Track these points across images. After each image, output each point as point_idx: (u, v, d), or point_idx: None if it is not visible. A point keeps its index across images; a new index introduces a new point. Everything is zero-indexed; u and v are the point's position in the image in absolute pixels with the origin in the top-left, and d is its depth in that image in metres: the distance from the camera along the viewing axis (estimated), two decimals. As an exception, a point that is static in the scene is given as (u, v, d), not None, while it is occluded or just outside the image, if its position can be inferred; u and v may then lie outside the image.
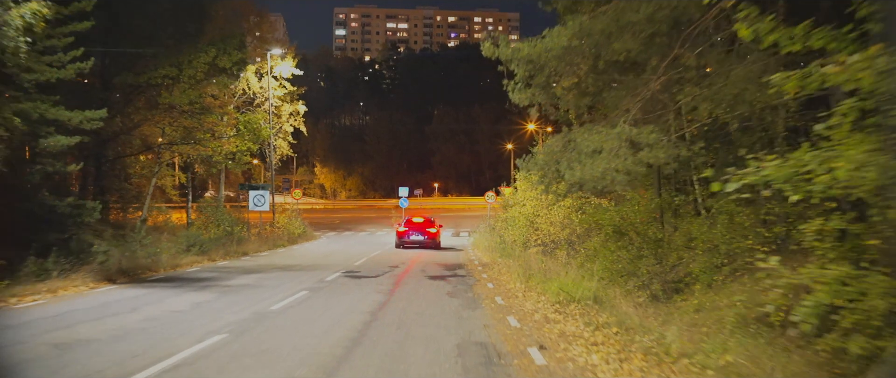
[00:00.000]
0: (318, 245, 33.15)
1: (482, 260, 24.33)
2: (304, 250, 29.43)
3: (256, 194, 33.46)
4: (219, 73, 30.35)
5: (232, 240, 28.41)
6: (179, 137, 31.36)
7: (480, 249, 28.37)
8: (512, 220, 28.84)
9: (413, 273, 19.18)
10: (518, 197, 28.75)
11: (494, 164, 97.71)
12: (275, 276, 17.81)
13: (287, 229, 35.31)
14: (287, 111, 41.03)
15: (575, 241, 24.72)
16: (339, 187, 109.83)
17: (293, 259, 24.30)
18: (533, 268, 18.83)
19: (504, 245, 27.36)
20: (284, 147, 41.37)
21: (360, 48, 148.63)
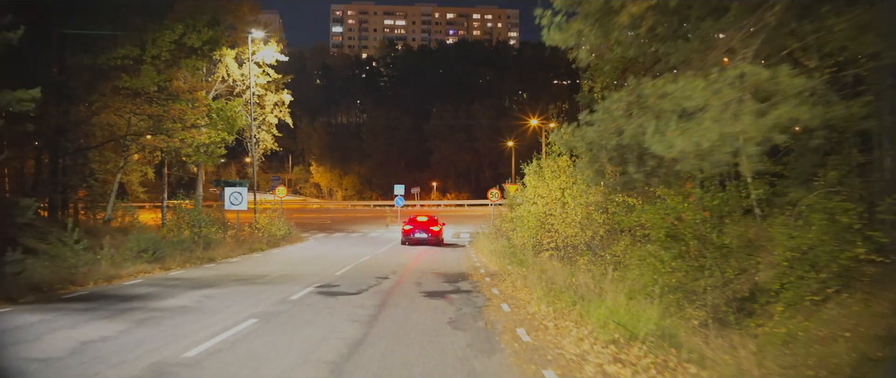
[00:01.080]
0: (302, 248, 29.03)
1: (489, 268, 20.24)
2: (284, 255, 25.32)
3: (232, 192, 29.42)
4: (188, 54, 26.40)
5: (199, 244, 24.36)
6: (146, 128, 27.41)
7: (485, 254, 24.27)
8: (520, 221, 24.87)
9: (405, 287, 15.08)
10: (527, 193, 24.64)
11: (495, 162, 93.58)
12: (227, 294, 13.71)
13: (268, 231, 31.17)
14: (271, 101, 36.88)
15: (597, 244, 20.80)
16: (336, 186, 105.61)
17: (265, 267, 20.21)
18: (556, 281, 14.79)
19: (513, 249, 23.35)
20: (268, 141, 37.25)
21: (357, 45, 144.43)
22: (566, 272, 17.71)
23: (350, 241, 34.27)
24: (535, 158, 25.44)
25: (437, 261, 22.83)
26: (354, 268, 19.67)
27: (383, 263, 21.47)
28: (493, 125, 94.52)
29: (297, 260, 22.75)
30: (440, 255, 25.40)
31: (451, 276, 17.44)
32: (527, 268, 18.70)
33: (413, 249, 28.50)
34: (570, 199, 21.23)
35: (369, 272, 18.41)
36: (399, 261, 22.49)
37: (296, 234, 34.40)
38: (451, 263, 21.78)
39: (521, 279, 16.06)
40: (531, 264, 19.20)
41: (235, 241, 28.14)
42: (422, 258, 23.97)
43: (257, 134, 36.64)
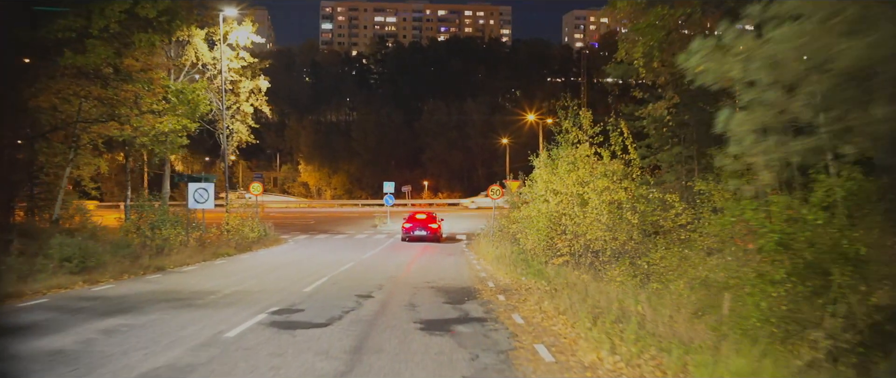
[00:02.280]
0: (276, 253, 24.83)
1: (498, 279, 16.13)
2: (252, 262, 21.15)
3: (197, 188, 25.27)
4: (143, 28, 22.24)
5: (149, 249, 20.25)
6: (99, 114, 23.27)
7: (490, 260, 20.18)
8: (528, 221, 20.82)
9: (394, 313, 10.92)
10: (537, 189, 20.55)
11: (488, 161, 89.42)
12: (140, 326, 9.59)
13: (240, 233, 26.94)
14: (246, 88, 32.60)
15: (631, 251, 16.81)
16: (325, 185, 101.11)
17: (221, 279, 16.03)
18: (598, 302, 10.79)
19: (524, 255, 19.30)
20: (244, 132, 32.95)
21: (347, 43, 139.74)
22: (600, 287, 13.71)
23: (333, 243, 30.07)
24: (545, 148, 21.45)
25: (434, 268, 18.69)
26: (331, 280, 15.51)
27: (368, 273, 17.30)
28: (487, 123, 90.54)
29: (264, 268, 18.55)
30: (437, 261, 21.28)
31: (453, 293, 13.30)
32: (547, 280, 14.67)
33: (404, 253, 24.43)
34: (594, 196, 17.19)
35: (349, 287, 14.26)
36: (387, 269, 18.34)
37: (273, 236, 30.18)
38: (451, 272, 17.64)
39: (546, 297, 11.99)
40: (553, 276, 15.15)
41: (199, 245, 24.00)
42: (415, 265, 19.85)
43: (231, 124, 32.39)
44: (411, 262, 20.96)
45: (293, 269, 18.48)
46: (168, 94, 23.90)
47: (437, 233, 30.74)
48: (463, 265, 19.91)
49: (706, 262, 14.65)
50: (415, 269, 18.50)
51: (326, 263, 19.92)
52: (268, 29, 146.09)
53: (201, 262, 20.58)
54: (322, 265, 19.39)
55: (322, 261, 21.07)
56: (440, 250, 26.12)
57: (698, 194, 19.39)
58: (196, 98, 24.27)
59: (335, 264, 19.57)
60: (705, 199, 17.26)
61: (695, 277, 13.75)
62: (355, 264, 19.84)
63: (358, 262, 20.75)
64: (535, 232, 19.78)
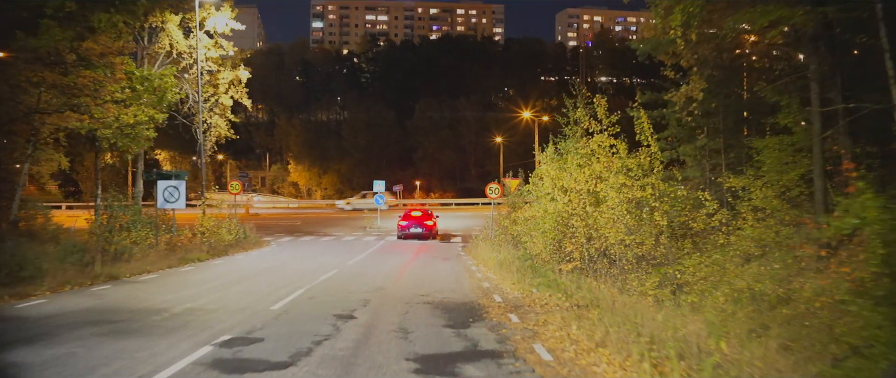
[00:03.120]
0: (253, 258, 22.24)
1: (505, 291, 13.60)
2: (222, 269, 18.53)
3: (167, 186, 22.73)
4: (104, 7, 19.71)
5: (107, 254, 17.70)
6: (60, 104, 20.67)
7: (492, 267, 17.67)
8: (534, 223, 18.40)
9: (381, 344, 8.33)
10: (544, 187, 18.06)
11: (481, 160, 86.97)
12: (39, 366, 7.06)
13: (216, 235, 24.31)
14: (226, 79, 29.96)
15: (660, 257, 14.40)
16: (315, 186, 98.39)
17: (177, 291, 13.46)
18: (641, 326, 8.32)
19: (532, 261, 16.83)
20: (223, 126, 30.28)
21: (338, 41, 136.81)
22: (631, 303, 11.33)
23: (318, 246, 27.46)
24: (553, 141, 18.97)
25: (429, 277, 16.12)
26: (308, 294, 12.93)
27: (353, 283, 14.73)
28: (480, 122, 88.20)
29: (231, 278, 15.93)
30: (431, 267, 18.74)
31: (454, 312, 10.75)
32: (565, 293, 12.20)
33: (395, 257, 21.90)
34: (613, 194, 14.71)
35: (328, 303, 11.69)
36: (375, 278, 15.78)
37: (254, 239, 27.58)
38: (449, 282, 15.08)
39: (572, 318, 9.49)
40: (571, 288, 12.67)
41: (169, 249, 21.47)
42: (407, 272, 17.29)
43: (208, 117, 29.76)
44: (403, 268, 18.41)
45: (266, 278, 15.89)
46: (133, 82, 21.25)
47: (433, 230, 30.47)
48: (461, 272, 17.36)
49: (747, 270, 12.28)
50: (407, 278, 15.95)
51: (306, 271, 17.34)
52: (258, 27, 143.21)
53: (165, 270, 17.98)
54: (301, 273, 16.81)
55: (302, 267, 18.49)
56: (435, 254, 23.59)
57: (728, 191, 17.02)
58: (163, 85, 21.62)
59: (316, 272, 16.99)
60: (745, 196, 14.91)
61: (738, 289, 11.38)
62: (339, 272, 17.27)
63: (342, 268, 18.17)
64: (542, 234, 17.35)
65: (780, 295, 10.56)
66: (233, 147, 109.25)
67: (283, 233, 34.93)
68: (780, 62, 15.47)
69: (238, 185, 29.35)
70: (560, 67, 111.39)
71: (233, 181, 30.19)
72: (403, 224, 30.70)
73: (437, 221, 31.94)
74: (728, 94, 16.79)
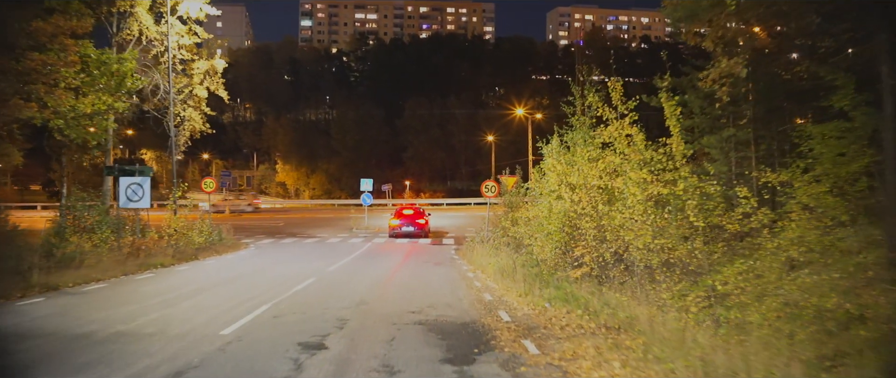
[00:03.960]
0: (224, 264, 19.83)
1: (512, 305, 11.30)
2: (184, 277, 16.12)
3: (129, 184, 20.42)
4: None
5: (53, 260, 15.32)
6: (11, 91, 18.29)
7: (492, 274, 15.38)
8: (537, 224, 16.06)
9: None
10: (548, 183, 15.73)
11: (472, 159, 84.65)
12: None
13: (184, 237, 21.91)
14: (201, 69, 27.51)
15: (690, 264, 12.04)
16: (303, 186, 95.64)
17: (119, 307, 11.09)
18: (710, 364, 5.93)
19: (538, 268, 14.52)
20: (197, 120, 27.81)
21: (327, 40, 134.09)
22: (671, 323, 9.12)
23: (300, 250, 25.07)
24: (558, 133, 16.66)
25: (420, 287, 13.77)
26: (273, 311, 10.55)
27: (330, 296, 12.37)
28: (471, 121, 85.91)
29: (189, 289, 13.51)
30: (423, 274, 16.43)
31: (454, 339, 8.42)
32: (587, 310, 9.94)
33: (381, 262, 19.60)
34: (637, 191, 12.40)
35: (294, 324, 9.34)
36: (358, 288, 13.42)
37: (230, 241, 25.18)
38: (444, 294, 12.75)
39: (607, 347, 7.25)
40: (592, 303, 10.38)
41: (131, 253, 19.08)
42: (395, 281, 14.95)
43: (182, 110, 27.31)
44: (390, 276, 16.08)
45: (230, 289, 13.49)
46: (89, 66, 18.80)
47: (426, 228, 30.08)
48: (457, 280, 15.05)
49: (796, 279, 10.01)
50: (395, 288, 13.62)
51: (279, 279, 14.96)
52: (246, 26, 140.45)
53: (118, 278, 15.57)
54: (272, 282, 14.43)
55: (275, 275, 16.11)
56: (426, 257, 21.29)
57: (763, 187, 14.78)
58: (122, 69, 19.15)
59: (290, 280, 14.62)
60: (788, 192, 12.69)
61: (790, 303, 9.18)
62: (317, 280, 14.89)
63: (322, 276, 15.80)
64: (546, 236, 15.04)
65: (851, 312, 8.40)
66: (220, 146, 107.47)
67: (264, 234, 32.53)
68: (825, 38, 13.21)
69: (212, 183, 26.86)
70: (552, 66, 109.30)
71: (206, 178, 27.64)
72: (395, 223, 30.02)
73: (429, 220, 31.20)
74: (767, 76, 14.54)
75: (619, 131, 12.68)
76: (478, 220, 39.08)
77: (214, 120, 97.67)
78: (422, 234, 29.74)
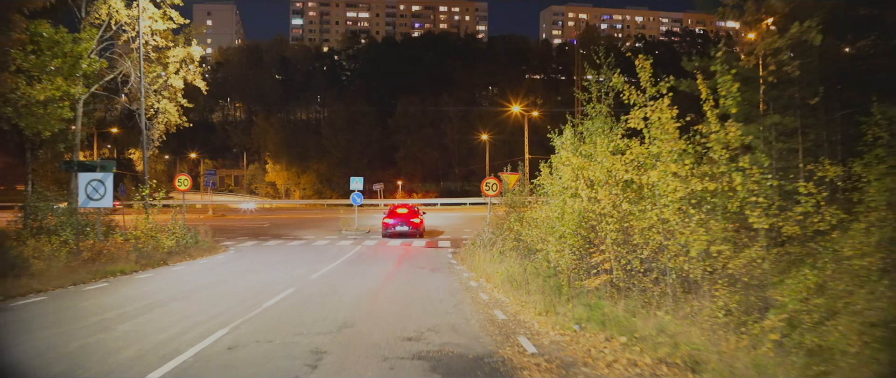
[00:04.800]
0: (194, 270, 17.47)
1: (533, 328, 9.06)
2: (142, 288, 13.77)
3: (90, 180, 18.06)
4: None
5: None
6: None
7: (499, 284, 13.16)
8: (548, 226, 13.79)
9: None
10: (562, 179, 13.46)
11: (465, 159, 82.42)
12: None
13: (152, 240, 19.55)
14: (177, 57, 25.10)
15: (751, 276, 9.80)
16: (293, 186, 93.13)
17: (39, 330, 8.81)
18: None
19: (557, 279, 12.26)
20: (173, 113, 25.40)
21: (318, 38, 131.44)
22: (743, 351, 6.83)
23: (283, 253, 22.73)
24: (571, 121, 14.40)
25: (416, 302, 11.48)
26: (229, 339, 8.22)
27: (306, 315, 10.06)
28: (464, 120, 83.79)
29: (140, 305, 11.16)
30: (419, 283, 14.14)
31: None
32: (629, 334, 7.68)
33: (371, 268, 17.31)
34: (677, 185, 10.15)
35: (252, 363, 7.02)
36: (342, 305, 11.12)
37: (206, 244, 22.82)
38: (446, 311, 10.49)
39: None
40: (640, 327, 8.11)
41: (91, 257, 16.80)
42: (386, 294, 12.64)
43: (156, 102, 24.92)
44: (381, 286, 13.79)
45: (188, 304, 11.15)
46: (40, 46, 16.43)
47: (420, 228, 28.90)
48: (459, 292, 12.77)
49: (877, 292, 7.85)
50: (386, 304, 11.32)
51: (251, 290, 12.64)
52: (236, 24, 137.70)
53: (65, 288, 13.26)
54: (242, 295, 12.11)
55: (248, 285, 13.77)
56: (421, 262, 19.04)
57: (821, 182, 12.60)
58: (77, 49, 16.76)
59: (264, 292, 12.30)
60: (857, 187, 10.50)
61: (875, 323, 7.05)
62: (295, 291, 12.58)
63: (302, 286, 13.49)
64: (558, 240, 12.78)
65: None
66: (209, 146, 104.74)
67: (248, 236, 30.16)
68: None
69: (187, 180, 24.44)
70: (546, 65, 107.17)
71: (180, 176, 25.18)
72: (388, 222, 28.90)
73: (423, 219, 30.04)
74: (820, 54, 12.34)
75: (660, 113, 10.41)
76: (474, 221, 36.87)
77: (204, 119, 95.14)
78: (416, 234, 28.51)
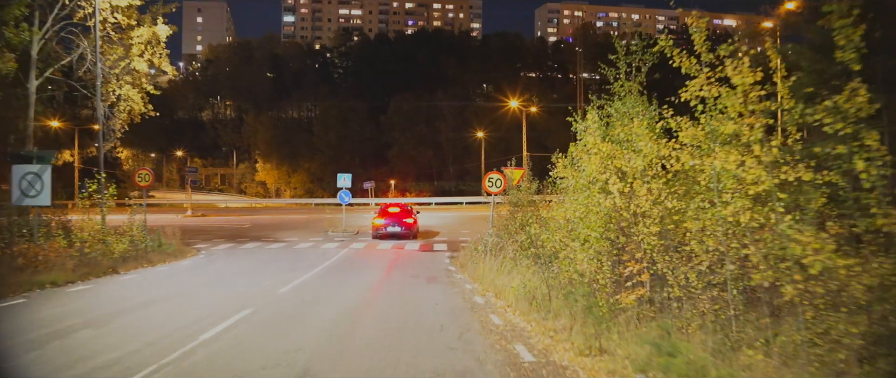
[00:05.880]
0: (146, 280, 14.55)
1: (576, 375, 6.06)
2: (61, 307, 10.85)
3: (24, 174, 15.15)
4: None
5: None
6: None
7: (514, 302, 10.38)
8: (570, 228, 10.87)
9: None
10: (588, 169, 10.49)
11: (460, 157, 79.53)
12: None
13: (100, 245, 16.60)
14: (141, 38, 22.13)
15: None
16: (284, 185, 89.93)
17: None
18: None
19: (591, 297, 9.29)
20: (136, 100, 22.42)
21: (310, 36, 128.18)
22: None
23: (257, 258, 19.81)
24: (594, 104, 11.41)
25: (410, 331, 8.58)
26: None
27: (252, 358, 7.12)
28: (459, 117, 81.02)
29: (34, 338, 8.21)
30: (413, 301, 11.26)
31: None
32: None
33: (354, 278, 14.50)
34: (761, 174, 7.28)
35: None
36: (309, 336, 8.23)
37: (171, 248, 19.93)
38: (448, 340, 7.71)
39: None
40: None
41: (25, 263, 13.94)
42: (370, 317, 9.75)
43: (117, 87, 21.96)
44: (364, 304, 10.91)
45: (98, 336, 8.24)
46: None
47: (414, 229, 26.56)
48: (463, 313, 9.92)
49: None
50: (369, 335, 8.41)
51: (195, 313, 9.71)
52: (227, 21, 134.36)
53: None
54: (182, 318, 9.20)
55: (197, 303, 10.86)
56: (415, 269, 16.20)
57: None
58: (5, 16, 13.78)
59: (210, 316, 9.39)
60: None
61: None
62: (251, 313, 9.67)
63: (263, 304, 10.58)
64: (583, 246, 9.95)
65: None
66: (199, 144, 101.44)
67: (225, 238, 27.20)
68: None
69: (148, 175, 21.38)
70: (541, 63, 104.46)
71: (140, 170, 22.08)
72: (379, 222, 26.52)
73: (417, 219, 27.63)
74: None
75: (741, 74, 7.52)
76: (471, 221, 34.04)
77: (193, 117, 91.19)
78: (409, 236, 26.12)
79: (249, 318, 9.28)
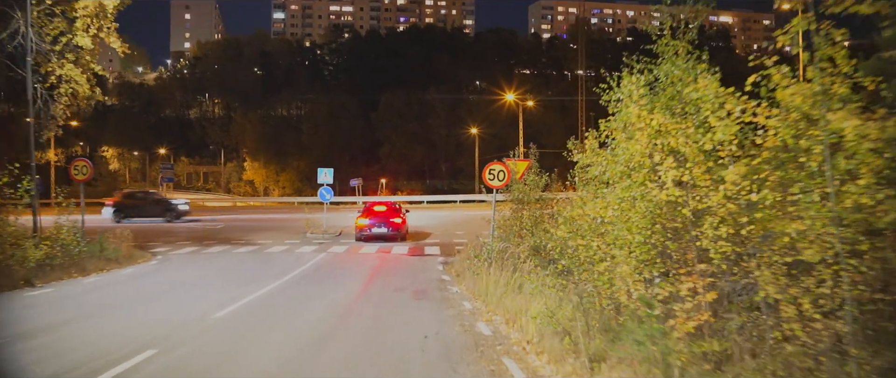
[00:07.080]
0: (56, 297, 11.35)
1: None
2: None
3: None
4: None
5: None
6: None
7: (533, 336, 7.06)
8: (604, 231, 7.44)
9: None
10: (627, 154, 7.06)
11: (452, 155, 76.47)
12: None
13: (17, 249, 13.34)
14: (86, 10, 18.83)
15: None
16: (272, 184, 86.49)
17: None
18: None
19: (658, 328, 5.86)
20: (81, 82, 19.11)
21: (301, 33, 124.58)
22: None
23: (217, 265, 16.61)
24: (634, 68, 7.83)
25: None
26: None
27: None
28: (451, 115, 77.98)
29: None
30: (396, 321, 8.23)
31: None
32: None
33: (328, 291, 11.40)
34: None
35: None
36: None
37: (116, 253, 16.69)
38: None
39: None
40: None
41: None
42: (328, 362, 6.53)
43: (58, 68, 18.68)
44: (325, 338, 7.74)
45: None
46: None
47: (402, 229, 24.03)
48: (466, 352, 6.84)
49: None
50: None
51: (72, 360, 6.47)
52: (216, 18, 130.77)
53: None
54: (60, 364, 5.97)
55: (85, 339, 7.65)
56: (401, 279, 13.08)
57: None
58: None
59: (87, 365, 6.16)
60: None
61: None
62: (152, 358, 6.44)
63: (178, 341, 7.41)
64: (627, 252, 6.72)
65: None
66: (186, 143, 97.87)
67: (192, 240, 23.94)
68: None
69: (86, 168, 17.99)
70: (535, 60, 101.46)
71: (76, 162, 18.73)
72: (363, 222, 23.85)
73: (406, 218, 25.13)
74: None
75: None
76: (466, 221, 30.91)
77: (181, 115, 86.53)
78: (397, 237, 23.53)
79: (141, 367, 6.07)
